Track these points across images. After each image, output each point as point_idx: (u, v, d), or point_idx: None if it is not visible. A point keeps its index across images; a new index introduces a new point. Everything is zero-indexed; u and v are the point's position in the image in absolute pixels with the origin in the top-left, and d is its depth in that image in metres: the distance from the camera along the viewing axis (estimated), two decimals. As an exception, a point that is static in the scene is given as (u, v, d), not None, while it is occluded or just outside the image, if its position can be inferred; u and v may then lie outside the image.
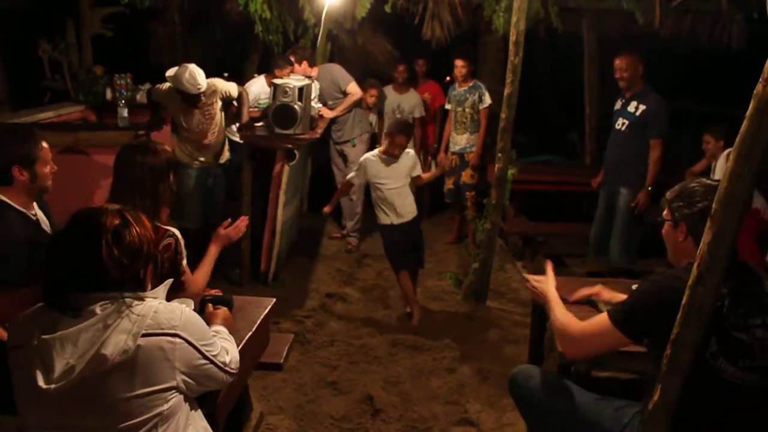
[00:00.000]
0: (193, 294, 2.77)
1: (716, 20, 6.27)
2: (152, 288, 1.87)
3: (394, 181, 4.59)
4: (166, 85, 4.89)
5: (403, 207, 4.64)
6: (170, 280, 1.98)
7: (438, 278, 5.61)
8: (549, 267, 2.72)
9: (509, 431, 3.43)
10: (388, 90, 6.87)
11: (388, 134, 4.63)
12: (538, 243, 6.05)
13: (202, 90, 4.73)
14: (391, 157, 4.58)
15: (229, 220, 3.16)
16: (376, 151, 4.69)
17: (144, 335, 1.69)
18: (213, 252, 3.04)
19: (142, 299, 1.76)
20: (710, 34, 6.36)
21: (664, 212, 2.30)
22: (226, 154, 5.29)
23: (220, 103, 5.02)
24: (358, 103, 6.24)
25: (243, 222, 3.16)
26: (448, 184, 6.45)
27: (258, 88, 5.99)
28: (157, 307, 1.76)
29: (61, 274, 1.74)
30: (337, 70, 6.16)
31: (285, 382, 3.83)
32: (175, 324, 1.77)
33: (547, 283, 2.61)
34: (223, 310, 2.35)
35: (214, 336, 1.99)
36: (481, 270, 4.99)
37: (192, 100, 4.78)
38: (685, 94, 8.55)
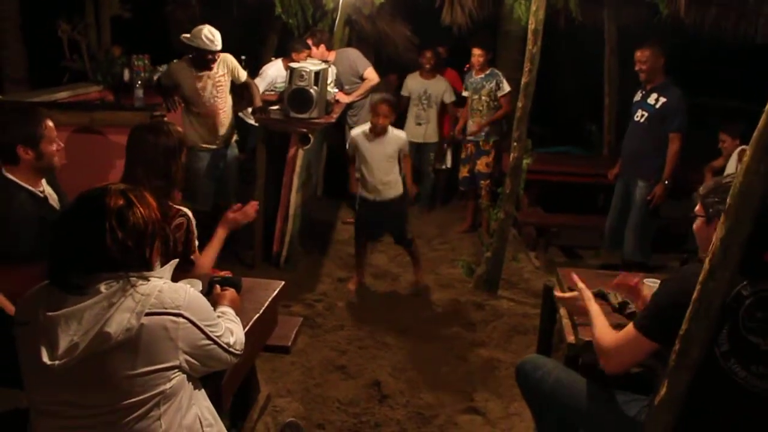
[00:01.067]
0: (199, 275, 2.79)
1: (742, 13, 6.16)
2: (160, 266, 1.87)
3: (377, 157, 4.68)
4: (178, 61, 4.98)
5: (383, 185, 4.73)
6: (176, 261, 1.98)
7: (450, 266, 5.60)
8: (577, 280, 2.66)
9: (516, 421, 3.42)
10: (414, 77, 6.85)
11: (371, 106, 4.73)
12: (551, 234, 6.01)
13: (218, 48, 4.80)
14: (376, 133, 4.65)
15: (240, 204, 3.17)
16: (365, 126, 4.75)
17: (148, 314, 1.70)
18: (220, 234, 3.05)
19: (147, 279, 1.76)
20: (735, 28, 6.26)
21: (697, 208, 2.25)
22: (234, 136, 5.32)
23: (229, 79, 5.06)
24: (376, 89, 6.21)
25: (252, 207, 3.17)
26: (463, 172, 6.43)
27: (275, 71, 5.99)
28: (161, 286, 1.77)
29: (66, 256, 1.74)
30: (355, 55, 6.13)
31: (293, 365, 3.85)
32: (179, 304, 1.77)
33: (585, 297, 2.55)
34: (230, 292, 2.36)
35: (219, 317, 2.00)
36: (494, 259, 4.97)
37: (205, 62, 4.85)
38: (708, 88, 8.44)
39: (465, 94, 6.34)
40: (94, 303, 1.68)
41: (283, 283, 2.89)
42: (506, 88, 6.06)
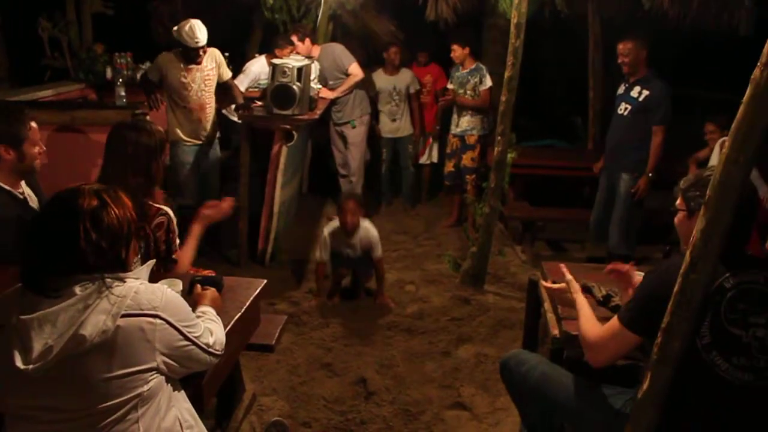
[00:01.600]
0: (178, 273, 2.78)
1: (724, 6, 6.17)
2: (138, 266, 1.85)
3: (353, 254, 4.67)
4: (166, 53, 4.98)
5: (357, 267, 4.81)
6: (152, 261, 1.97)
7: (436, 261, 5.59)
8: (566, 271, 2.66)
9: (502, 416, 3.42)
10: (379, 74, 6.83)
11: (338, 206, 4.68)
12: (537, 228, 6.02)
13: (201, 45, 4.81)
14: (346, 228, 4.56)
15: (215, 201, 3.18)
16: (335, 224, 4.68)
17: (124, 315, 1.67)
18: (196, 231, 3.05)
19: (123, 280, 1.74)
20: (717, 20, 6.27)
21: (678, 202, 2.25)
22: (217, 134, 5.32)
23: (217, 74, 5.07)
24: (360, 85, 6.19)
25: (227, 203, 3.18)
26: (449, 166, 6.42)
27: (258, 68, 5.96)
28: (137, 287, 1.74)
29: (39, 258, 1.71)
30: (339, 50, 6.10)
31: (279, 363, 3.83)
32: (155, 305, 1.75)
33: (572, 289, 2.55)
34: (211, 291, 2.34)
35: (199, 317, 1.98)
36: (479, 254, 4.96)
37: (192, 57, 4.86)
38: (691, 79, 8.46)
39: (449, 86, 6.34)
40: (69, 305, 1.65)
41: (265, 281, 2.86)
42: (488, 82, 6.08)
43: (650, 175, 4.79)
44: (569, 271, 2.66)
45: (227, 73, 5.20)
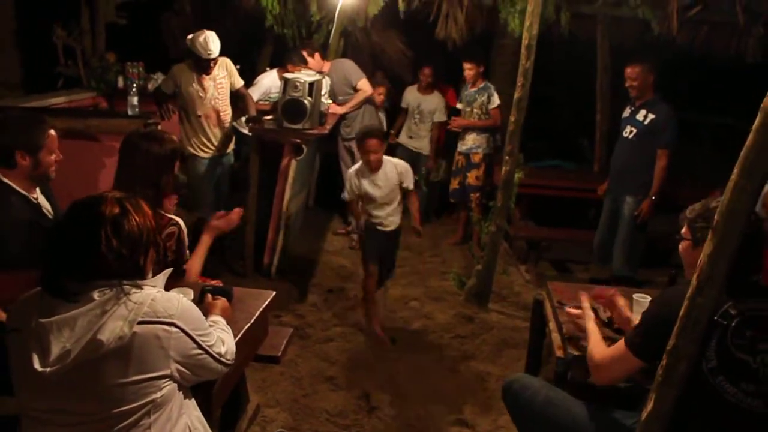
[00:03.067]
0: (187, 282, 2.81)
1: (733, 32, 6.23)
2: (153, 274, 1.88)
3: (378, 192, 4.33)
4: (180, 64, 5.11)
5: (386, 218, 4.42)
6: (170, 270, 2.00)
7: (441, 278, 5.61)
8: (585, 299, 2.72)
9: (504, 434, 3.43)
10: (411, 90, 6.92)
11: (357, 142, 4.45)
12: (542, 248, 6.04)
13: (213, 56, 4.93)
14: (369, 167, 4.28)
15: (224, 212, 3.22)
16: (358, 164, 4.45)
17: (140, 323, 1.70)
18: (205, 241, 3.09)
19: (140, 287, 1.77)
20: (726, 46, 6.32)
21: (683, 230, 2.28)
22: (231, 144, 5.42)
23: (229, 82, 5.21)
24: (369, 100, 6.24)
25: (236, 214, 3.22)
26: (454, 184, 6.46)
27: (269, 81, 6.01)
28: (154, 295, 1.78)
29: (61, 263, 1.74)
30: (349, 66, 6.16)
31: (283, 375, 3.84)
32: (171, 313, 1.78)
33: (585, 316, 2.61)
34: (221, 301, 2.37)
35: (210, 326, 2.00)
36: (484, 272, 4.98)
37: (204, 68, 4.98)
38: (700, 105, 8.50)
39: (459, 106, 6.39)
40: (87, 310, 1.69)
41: (273, 293, 2.89)
42: (496, 101, 6.13)
43: (653, 198, 4.80)
44: (588, 299, 2.71)
45: (239, 81, 5.32)
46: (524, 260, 6.07)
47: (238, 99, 5.32)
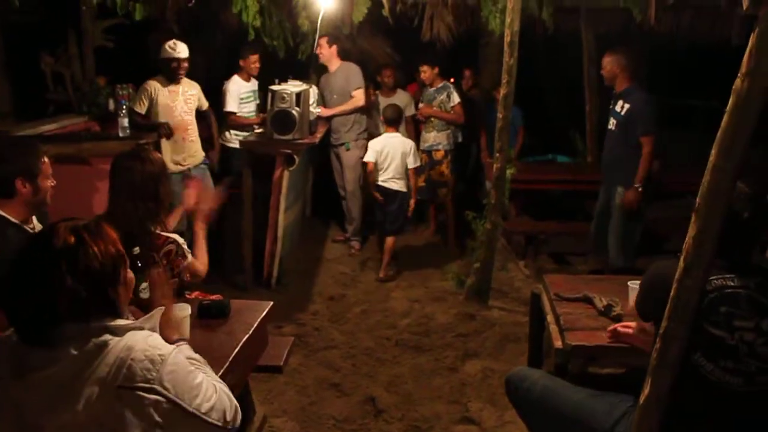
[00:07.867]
0: (203, 273, 3.00)
1: (716, 16, 6.24)
2: (144, 292, 1.84)
3: (393, 152, 5.60)
4: (150, 79, 5.24)
5: (398, 178, 5.68)
6: (161, 310, 1.83)
7: (440, 279, 5.64)
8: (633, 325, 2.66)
9: (511, 429, 3.44)
10: (379, 95, 6.91)
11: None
12: (540, 242, 6.06)
13: (182, 56, 5.05)
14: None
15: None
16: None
17: (120, 387, 1.55)
18: (200, 231, 3.16)
19: (122, 332, 1.61)
20: (710, 30, 6.34)
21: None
22: (200, 155, 5.47)
23: (197, 99, 5.35)
24: (360, 109, 6.27)
25: (216, 191, 3.47)
26: (419, 181, 6.47)
27: (234, 86, 6.00)
28: (135, 354, 1.58)
29: (17, 307, 1.57)
30: (354, 72, 6.20)
31: (288, 384, 3.86)
32: (150, 377, 1.57)
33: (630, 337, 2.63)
34: (173, 316, 2.09)
35: (197, 374, 1.73)
36: (482, 270, 5.01)
37: (173, 72, 5.10)
38: (689, 90, 8.53)
39: (420, 106, 6.56)
40: (62, 370, 1.54)
41: (271, 303, 2.91)
42: (456, 99, 6.33)
43: (638, 186, 4.75)
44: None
45: (206, 103, 5.52)
46: (522, 256, 6.08)
47: (204, 117, 5.50)
